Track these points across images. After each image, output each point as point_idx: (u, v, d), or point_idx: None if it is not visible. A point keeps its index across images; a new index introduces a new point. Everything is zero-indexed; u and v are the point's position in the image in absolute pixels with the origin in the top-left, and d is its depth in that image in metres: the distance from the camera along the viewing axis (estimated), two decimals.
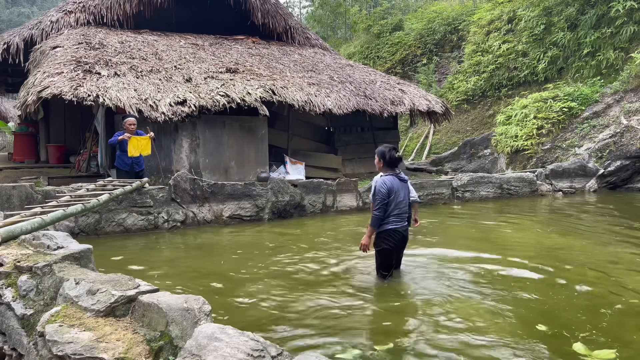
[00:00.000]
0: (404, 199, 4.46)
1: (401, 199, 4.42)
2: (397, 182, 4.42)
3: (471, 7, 21.62)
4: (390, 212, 4.37)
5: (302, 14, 37.37)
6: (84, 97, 8.41)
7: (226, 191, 7.75)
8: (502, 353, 2.99)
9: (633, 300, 3.92)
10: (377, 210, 4.35)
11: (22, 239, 3.50)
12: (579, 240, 6.23)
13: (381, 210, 4.34)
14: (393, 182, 4.39)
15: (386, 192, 4.34)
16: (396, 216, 4.40)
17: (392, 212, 4.37)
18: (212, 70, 10.61)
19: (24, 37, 11.38)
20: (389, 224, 4.38)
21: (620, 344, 3.08)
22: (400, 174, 4.50)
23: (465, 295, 4.10)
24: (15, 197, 6.26)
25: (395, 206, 4.38)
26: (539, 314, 3.66)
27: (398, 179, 4.44)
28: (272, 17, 13.43)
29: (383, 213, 4.35)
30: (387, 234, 4.40)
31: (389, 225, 4.39)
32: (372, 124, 12.85)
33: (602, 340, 3.14)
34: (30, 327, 2.61)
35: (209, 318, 2.16)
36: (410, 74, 21.35)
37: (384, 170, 4.51)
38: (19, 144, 13.70)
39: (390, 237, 4.41)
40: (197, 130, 9.72)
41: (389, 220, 4.38)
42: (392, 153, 4.45)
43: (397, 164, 4.48)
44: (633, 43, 13.30)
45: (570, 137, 12.65)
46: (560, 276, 4.60)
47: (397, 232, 4.42)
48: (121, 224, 6.82)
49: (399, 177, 4.47)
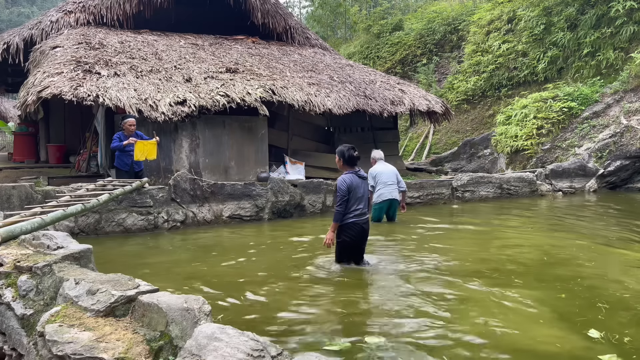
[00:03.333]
0: (363, 194, 4.83)
1: (360, 194, 4.80)
2: (357, 179, 4.80)
3: (471, 7, 21.62)
4: (351, 207, 4.75)
5: (302, 14, 37.37)
6: (83, 97, 8.41)
7: (226, 191, 7.75)
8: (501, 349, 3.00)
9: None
10: (339, 206, 4.74)
11: (22, 239, 3.50)
12: (578, 240, 6.23)
13: (342, 205, 4.73)
14: (352, 180, 4.76)
15: (346, 189, 4.72)
16: (356, 210, 4.77)
17: (352, 206, 4.75)
18: (212, 70, 10.61)
19: (24, 37, 11.38)
20: (349, 218, 4.76)
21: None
22: (359, 172, 4.86)
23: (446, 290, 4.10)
24: (15, 197, 6.26)
25: (355, 201, 4.76)
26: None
27: (357, 176, 4.81)
28: (272, 17, 13.43)
29: (344, 208, 4.73)
30: (348, 227, 4.78)
31: (350, 220, 4.76)
32: (372, 124, 12.85)
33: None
34: (30, 327, 2.61)
35: (208, 318, 2.16)
36: (410, 74, 21.35)
37: (344, 169, 4.88)
38: (19, 144, 13.70)
39: (350, 230, 4.78)
40: (197, 130, 9.72)
41: (350, 214, 4.75)
42: (350, 152, 4.81)
43: (355, 162, 4.84)
44: (633, 43, 13.30)
45: (570, 137, 12.65)
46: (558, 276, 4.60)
47: (357, 224, 4.78)
48: (121, 223, 6.82)
49: (359, 174, 4.83)
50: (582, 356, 2.94)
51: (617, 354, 2.89)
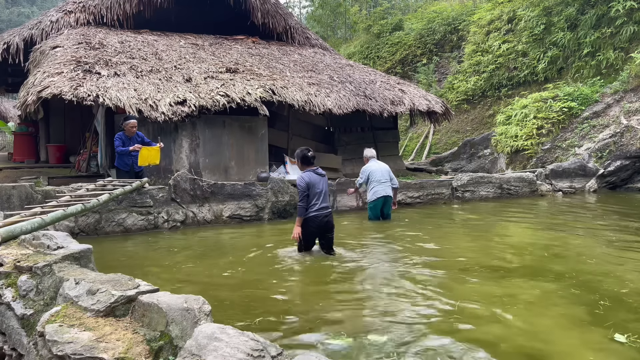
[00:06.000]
0: (322, 189, 5.31)
1: (319, 189, 5.28)
2: (315, 176, 5.31)
3: (471, 7, 21.62)
4: (311, 202, 5.24)
5: (302, 14, 37.37)
6: (83, 97, 8.41)
7: (226, 191, 7.75)
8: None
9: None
10: (301, 201, 5.24)
11: (22, 239, 3.50)
12: (578, 239, 6.23)
13: (303, 201, 5.23)
14: (310, 177, 5.27)
15: (305, 185, 5.21)
16: (316, 204, 5.25)
17: (312, 201, 5.24)
18: (212, 70, 10.60)
19: (24, 37, 11.38)
20: (311, 212, 5.24)
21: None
22: (317, 170, 5.38)
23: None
24: (15, 197, 6.26)
25: (315, 196, 5.25)
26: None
27: (316, 174, 5.33)
28: (272, 17, 13.43)
29: (305, 203, 5.23)
30: (310, 220, 5.26)
31: (311, 214, 5.24)
32: (372, 124, 12.85)
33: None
34: (30, 327, 2.61)
35: (208, 318, 2.16)
36: (410, 74, 21.35)
37: (303, 168, 5.41)
38: (19, 144, 13.70)
39: (311, 222, 5.25)
40: (197, 130, 9.72)
41: (311, 208, 5.24)
42: (305, 153, 5.38)
43: (311, 161, 5.39)
44: (633, 43, 13.30)
45: (570, 137, 12.65)
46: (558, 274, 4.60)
47: (318, 217, 5.25)
48: (121, 223, 6.82)
49: (317, 172, 5.36)
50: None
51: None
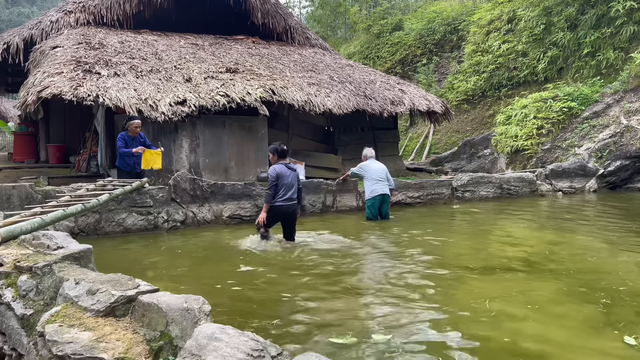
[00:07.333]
0: (290, 182, 5.78)
1: (287, 182, 5.75)
2: (285, 169, 5.81)
3: (471, 7, 21.62)
4: (278, 192, 5.71)
5: (302, 14, 37.35)
6: (83, 97, 8.40)
7: (226, 191, 7.75)
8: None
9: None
10: (269, 189, 5.73)
11: (22, 239, 3.50)
12: (578, 239, 6.23)
13: (271, 189, 5.70)
14: (281, 169, 5.78)
15: (275, 175, 5.71)
16: (284, 195, 5.73)
17: (280, 191, 5.71)
18: (212, 70, 10.60)
19: (24, 37, 11.37)
20: (277, 201, 5.72)
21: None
22: (289, 164, 5.89)
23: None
24: (15, 197, 6.26)
25: (282, 187, 5.72)
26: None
27: (286, 167, 5.84)
28: (272, 17, 13.42)
29: (273, 192, 5.69)
30: (275, 208, 5.75)
31: (277, 203, 5.73)
32: (372, 124, 12.85)
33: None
34: (30, 327, 2.61)
35: (208, 318, 2.16)
36: (410, 74, 21.35)
37: (276, 161, 5.90)
38: (18, 144, 13.70)
39: (275, 211, 5.76)
40: (197, 130, 9.72)
41: (278, 198, 5.72)
42: (280, 147, 5.96)
43: (285, 155, 5.93)
44: (633, 43, 13.30)
45: (570, 137, 12.65)
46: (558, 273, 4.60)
47: (283, 207, 5.76)
48: (121, 224, 6.82)
49: (288, 166, 5.88)
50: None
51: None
